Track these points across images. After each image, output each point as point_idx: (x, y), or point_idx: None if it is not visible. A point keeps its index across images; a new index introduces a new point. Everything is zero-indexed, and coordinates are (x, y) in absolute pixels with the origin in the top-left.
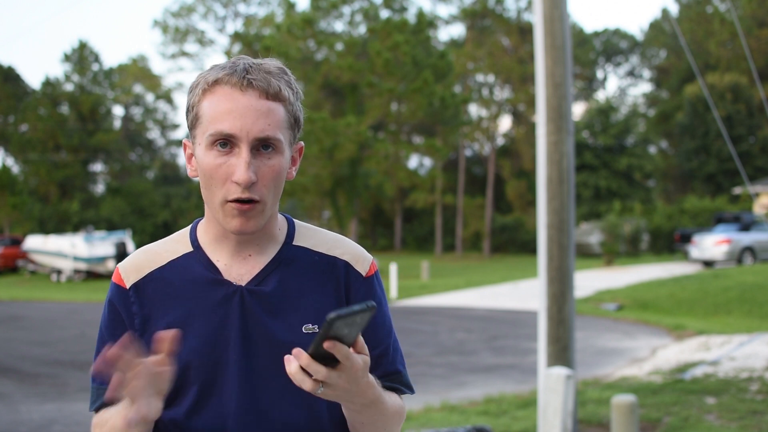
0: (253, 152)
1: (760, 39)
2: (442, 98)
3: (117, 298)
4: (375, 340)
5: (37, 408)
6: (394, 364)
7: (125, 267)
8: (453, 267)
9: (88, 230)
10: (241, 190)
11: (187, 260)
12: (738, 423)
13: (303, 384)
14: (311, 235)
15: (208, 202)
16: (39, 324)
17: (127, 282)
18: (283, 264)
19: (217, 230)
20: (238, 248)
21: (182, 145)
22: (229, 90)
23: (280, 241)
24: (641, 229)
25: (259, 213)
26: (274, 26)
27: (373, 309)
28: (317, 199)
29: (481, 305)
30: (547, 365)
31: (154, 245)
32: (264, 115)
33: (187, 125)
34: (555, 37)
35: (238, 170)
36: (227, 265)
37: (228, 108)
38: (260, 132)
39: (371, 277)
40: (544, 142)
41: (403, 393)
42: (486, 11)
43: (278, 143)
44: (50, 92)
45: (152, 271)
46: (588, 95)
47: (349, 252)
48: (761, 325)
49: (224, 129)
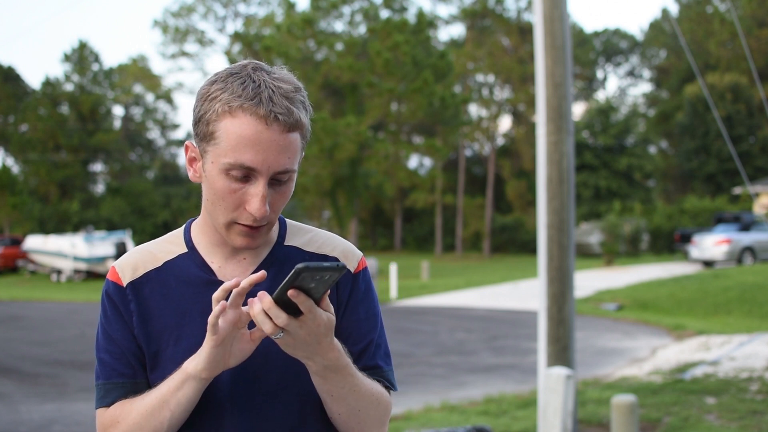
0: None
1: (760, 39)
2: (442, 98)
3: (114, 294)
4: (359, 334)
5: (37, 408)
6: (374, 359)
7: (121, 265)
8: (453, 267)
9: (88, 230)
10: (253, 219)
11: (183, 261)
12: (738, 423)
13: (264, 325)
14: (302, 235)
15: (213, 216)
16: (39, 324)
17: (124, 280)
18: (276, 264)
19: (216, 237)
20: (234, 252)
21: (184, 146)
22: (254, 121)
23: (272, 242)
24: (641, 229)
25: (266, 232)
26: (274, 26)
27: (343, 270)
28: (317, 199)
29: (481, 305)
30: (547, 365)
31: (148, 245)
32: (285, 150)
33: (195, 132)
34: (555, 37)
35: (254, 203)
36: (221, 267)
37: (251, 140)
38: (280, 166)
39: (359, 273)
40: (544, 142)
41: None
42: (486, 11)
43: (293, 174)
44: (50, 92)
45: (148, 271)
46: (588, 95)
47: (339, 249)
48: (761, 325)
49: (246, 162)
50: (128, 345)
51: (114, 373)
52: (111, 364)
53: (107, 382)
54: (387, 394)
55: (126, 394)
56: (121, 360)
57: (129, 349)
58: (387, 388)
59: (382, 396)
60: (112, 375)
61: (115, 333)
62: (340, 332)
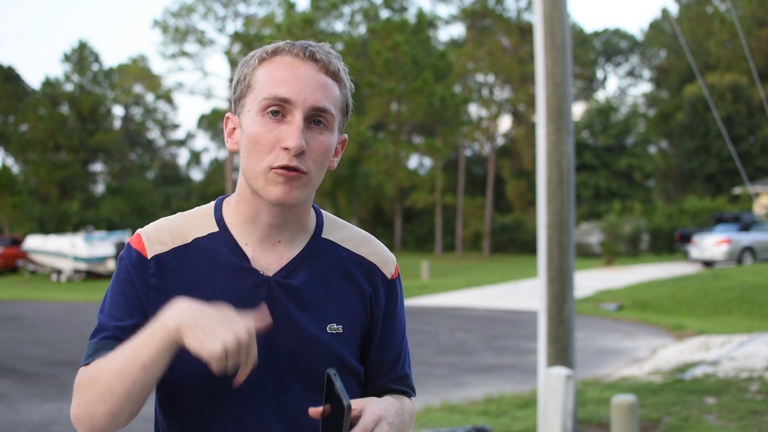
0: (305, 123)
1: (760, 39)
2: (442, 98)
3: (134, 265)
4: (393, 343)
5: (37, 408)
6: (404, 368)
7: (148, 234)
8: (453, 267)
9: (88, 230)
10: (289, 157)
11: (213, 241)
12: (738, 423)
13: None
14: (339, 229)
15: (249, 171)
16: (39, 324)
17: (149, 251)
18: (312, 257)
19: (250, 210)
20: (269, 233)
21: (225, 119)
22: (290, 59)
23: (309, 232)
24: (641, 229)
25: (304, 185)
26: (274, 26)
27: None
28: (317, 199)
29: (481, 305)
30: (547, 365)
31: (177, 217)
32: (322, 87)
33: (234, 97)
34: (555, 37)
35: (289, 136)
36: (255, 252)
37: (287, 74)
38: (317, 101)
39: (395, 279)
40: (544, 142)
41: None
42: (486, 11)
43: (331, 118)
44: (50, 92)
45: (177, 246)
46: (588, 95)
47: (376, 253)
48: (761, 325)
49: (280, 93)
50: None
51: (108, 334)
52: (107, 326)
53: (99, 341)
54: (413, 406)
55: None
56: (120, 323)
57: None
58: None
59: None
60: (105, 336)
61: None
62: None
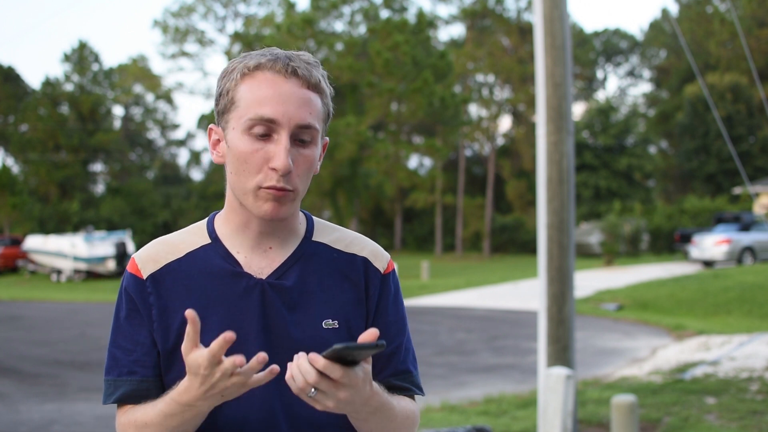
0: (291, 141)
1: (760, 39)
2: (442, 98)
3: (133, 288)
4: (388, 337)
5: (37, 408)
6: (405, 363)
7: (141, 257)
8: (453, 267)
9: (88, 230)
10: (277, 177)
11: (206, 252)
12: (738, 423)
13: (297, 382)
14: (330, 232)
15: (237, 187)
16: (39, 324)
17: (144, 272)
18: (303, 259)
19: (239, 220)
20: (259, 240)
21: (208, 130)
22: (272, 76)
23: (299, 236)
24: (641, 229)
25: (291, 201)
26: (274, 26)
27: (382, 347)
28: (317, 199)
29: (481, 305)
30: (547, 365)
31: (170, 236)
32: (305, 104)
33: (217, 110)
34: (555, 37)
35: (277, 157)
36: (247, 258)
37: (270, 93)
38: (301, 119)
39: (389, 274)
40: (544, 142)
41: (413, 394)
42: (486, 11)
43: (315, 133)
44: (50, 92)
45: (170, 262)
46: (588, 95)
47: (368, 249)
48: (761, 325)
49: (266, 114)
50: (142, 341)
51: (123, 370)
52: (121, 360)
53: (117, 378)
54: (416, 409)
55: (133, 391)
56: (132, 357)
57: (142, 347)
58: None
59: (413, 413)
60: (121, 372)
61: (128, 329)
62: None
